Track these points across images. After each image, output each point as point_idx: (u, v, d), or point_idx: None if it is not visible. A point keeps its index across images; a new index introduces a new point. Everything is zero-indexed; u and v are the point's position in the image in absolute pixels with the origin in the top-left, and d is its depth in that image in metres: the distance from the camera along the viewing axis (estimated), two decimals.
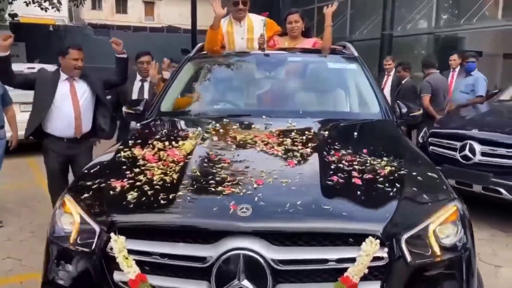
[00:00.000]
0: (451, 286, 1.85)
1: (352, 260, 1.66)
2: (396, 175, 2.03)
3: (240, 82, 3.54)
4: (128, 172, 2.08)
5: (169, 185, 1.94)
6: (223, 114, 2.97)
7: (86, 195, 1.99)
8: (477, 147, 4.38)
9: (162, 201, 1.82)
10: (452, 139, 4.67)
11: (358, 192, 1.87)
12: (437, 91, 6.24)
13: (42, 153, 3.73)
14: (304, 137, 2.41)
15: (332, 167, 2.07)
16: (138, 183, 1.96)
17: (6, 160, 4.47)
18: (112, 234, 1.73)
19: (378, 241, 1.65)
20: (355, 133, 2.62)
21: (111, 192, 1.93)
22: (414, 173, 2.08)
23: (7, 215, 4.54)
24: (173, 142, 2.41)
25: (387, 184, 1.94)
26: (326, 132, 2.54)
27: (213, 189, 1.88)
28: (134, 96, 4.38)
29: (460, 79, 6.63)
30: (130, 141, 2.50)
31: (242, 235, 1.67)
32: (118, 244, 1.71)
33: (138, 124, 2.97)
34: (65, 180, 3.70)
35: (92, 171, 2.25)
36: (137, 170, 2.09)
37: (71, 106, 3.59)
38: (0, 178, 4.43)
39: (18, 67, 6.17)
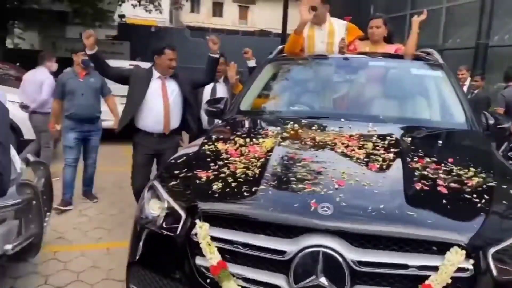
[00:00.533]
0: None
1: (434, 268, 1.62)
2: (484, 186, 1.94)
3: (318, 85, 3.55)
4: (212, 164, 2.18)
5: (251, 178, 2.01)
6: (301, 115, 3.00)
7: (173, 182, 2.13)
8: None
9: (245, 193, 1.89)
10: None
11: (444, 201, 1.82)
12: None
13: (132, 147, 3.95)
14: (386, 142, 2.38)
15: (416, 173, 2.02)
16: (222, 175, 2.05)
17: (104, 147, 5.12)
18: (197, 221, 1.83)
19: (464, 251, 1.60)
20: (440, 142, 2.53)
21: (197, 181, 2.04)
22: (504, 186, 1.98)
23: (103, 193, 5.15)
24: (254, 139, 2.48)
25: (474, 195, 1.86)
26: (409, 139, 2.48)
27: (294, 186, 1.92)
28: (206, 97, 4.46)
29: None
30: (213, 136, 2.62)
31: (322, 233, 1.70)
32: (203, 231, 1.80)
33: (220, 121, 3.08)
34: (148, 172, 3.91)
35: (178, 161, 2.39)
36: (220, 163, 2.19)
37: (161, 103, 3.74)
38: (100, 162, 5.04)
39: (121, 64, 6.88)
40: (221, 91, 4.63)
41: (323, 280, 1.63)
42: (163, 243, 2.01)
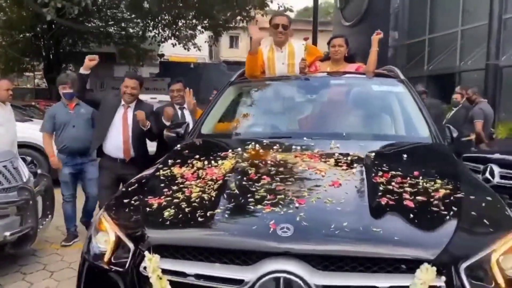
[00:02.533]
0: None
1: None
2: (452, 198, 1.85)
3: (281, 106, 3.46)
4: (166, 189, 2.02)
5: (207, 202, 1.86)
6: (263, 136, 2.90)
7: (122, 212, 1.95)
8: (496, 169, 4.44)
9: (199, 219, 1.74)
10: (477, 162, 4.73)
11: (411, 215, 1.71)
12: (487, 118, 6.41)
13: (98, 170, 4.14)
14: (349, 158, 2.28)
15: (381, 188, 1.92)
16: (175, 200, 1.89)
17: None
18: (146, 253, 1.66)
19: (434, 268, 1.49)
20: (405, 156, 2.45)
21: (147, 209, 1.87)
22: (472, 197, 1.90)
23: None
24: (212, 161, 2.34)
25: (442, 208, 1.77)
26: (373, 154, 2.39)
27: (252, 207, 1.78)
28: None
29: None
30: (169, 161, 2.46)
31: (282, 257, 1.56)
32: (152, 263, 1.62)
33: (179, 145, 2.93)
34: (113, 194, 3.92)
35: (130, 189, 2.21)
36: (175, 187, 2.03)
37: (121, 131, 3.85)
38: None
39: (160, 98, 7.55)
40: (189, 117, 4.53)
41: None
42: (112, 280, 1.81)
